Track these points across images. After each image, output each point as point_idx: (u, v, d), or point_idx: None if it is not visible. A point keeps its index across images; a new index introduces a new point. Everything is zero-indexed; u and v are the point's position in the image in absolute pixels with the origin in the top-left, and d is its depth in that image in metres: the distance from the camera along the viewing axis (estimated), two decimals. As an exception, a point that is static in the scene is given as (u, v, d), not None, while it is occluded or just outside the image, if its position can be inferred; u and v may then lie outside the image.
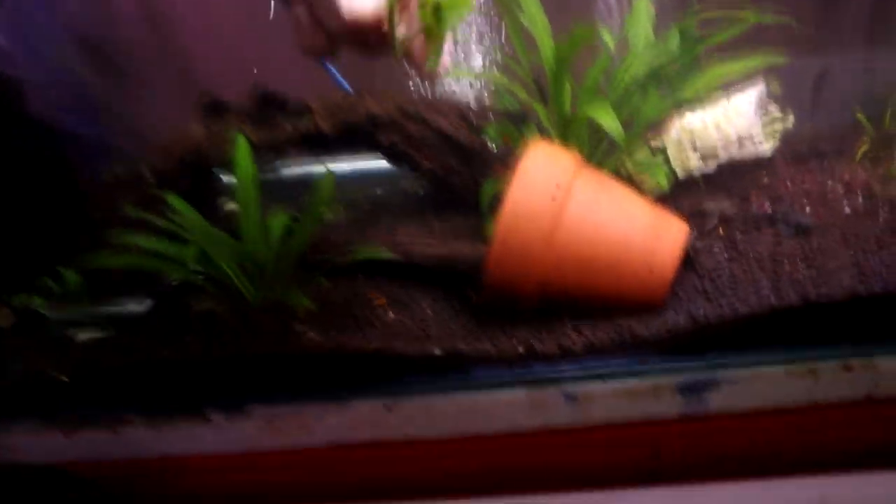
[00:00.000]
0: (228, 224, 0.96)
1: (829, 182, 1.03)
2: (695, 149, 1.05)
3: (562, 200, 0.86)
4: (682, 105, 1.07)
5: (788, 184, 1.04)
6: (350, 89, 1.13)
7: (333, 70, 1.12)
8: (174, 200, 0.90)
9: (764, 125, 1.09)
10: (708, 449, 0.91)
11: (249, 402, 0.92)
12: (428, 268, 0.97)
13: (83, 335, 0.97)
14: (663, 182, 1.03)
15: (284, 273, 0.94)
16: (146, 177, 1.07)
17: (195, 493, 0.93)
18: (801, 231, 0.94)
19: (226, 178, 1.13)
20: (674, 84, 1.07)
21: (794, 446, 0.90)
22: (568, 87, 1.01)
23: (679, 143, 1.05)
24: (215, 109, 1.10)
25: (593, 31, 0.88)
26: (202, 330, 0.94)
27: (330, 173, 0.96)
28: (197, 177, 1.09)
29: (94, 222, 1.03)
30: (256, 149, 1.01)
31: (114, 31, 1.41)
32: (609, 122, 0.91)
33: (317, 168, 1.24)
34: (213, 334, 0.92)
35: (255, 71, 1.23)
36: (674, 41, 1.08)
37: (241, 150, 0.94)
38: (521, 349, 0.88)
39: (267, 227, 0.95)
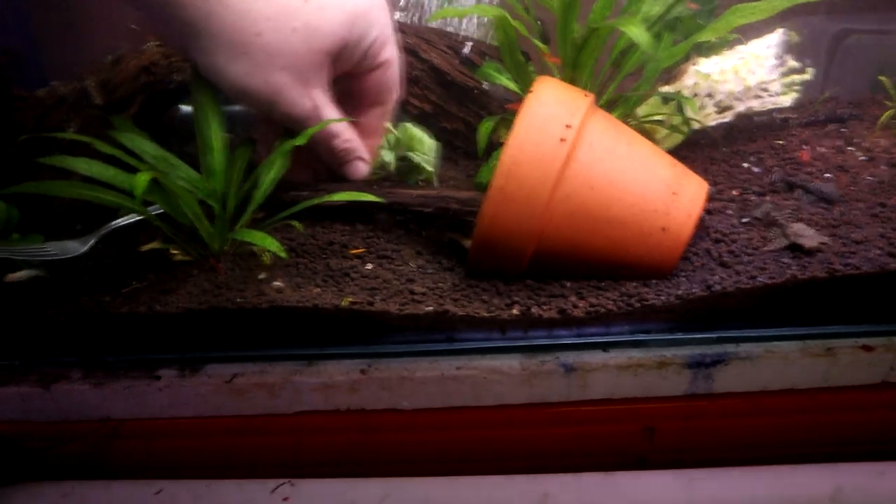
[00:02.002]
0: (188, 160, 0.84)
1: (851, 148, 0.95)
2: (710, 97, 0.96)
3: (571, 143, 0.75)
4: (697, 48, 0.97)
5: (807, 148, 0.96)
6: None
7: None
8: (123, 124, 0.77)
9: (782, 76, 1.00)
10: (714, 430, 0.83)
11: (206, 360, 0.81)
12: (413, 212, 0.86)
13: (13, 275, 0.84)
14: (677, 134, 0.93)
15: (251, 213, 0.82)
16: (92, 96, 0.94)
17: (139, 461, 0.82)
18: (824, 199, 0.86)
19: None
20: (688, 30, 0.97)
21: (807, 431, 0.84)
22: (577, 21, 0.90)
23: (694, 89, 0.95)
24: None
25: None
26: (153, 274, 0.82)
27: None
28: (152, 100, 0.96)
29: (28, 146, 0.89)
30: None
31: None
32: (636, 31, 0.79)
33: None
34: (165, 280, 0.80)
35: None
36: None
37: (197, 77, 0.81)
38: (516, 312, 0.78)
39: (231, 160, 0.82)
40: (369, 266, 0.83)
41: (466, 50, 0.96)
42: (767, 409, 0.83)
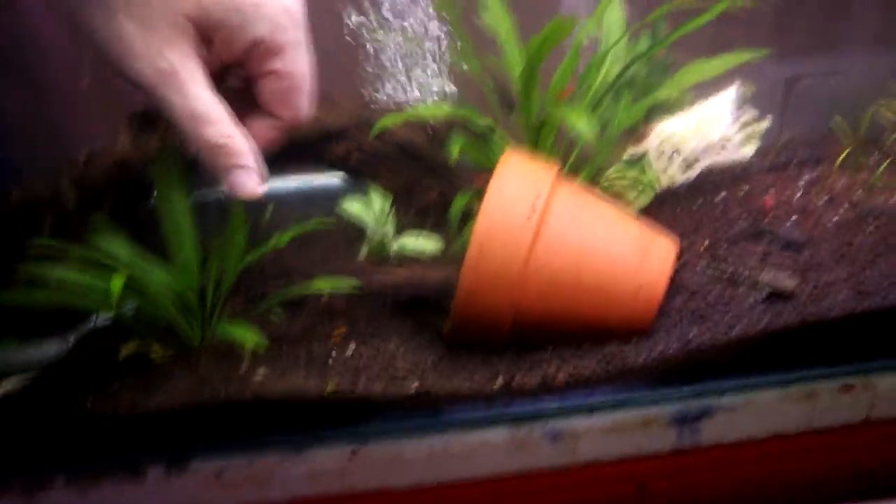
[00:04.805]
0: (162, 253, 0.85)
1: (813, 191, 0.98)
2: (676, 154, 0.99)
3: (539, 218, 0.77)
4: (657, 110, 1.00)
5: (771, 193, 0.99)
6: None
7: None
8: (100, 223, 0.78)
9: (741, 128, 1.03)
10: (704, 483, 0.84)
11: (193, 455, 0.80)
12: (392, 295, 0.87)
13: (4, 387, 0.84)
14: (645, 194, 0.96)
15: (227, 308, 0.83)
16: (66, 195, 0.94)
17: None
18: (791, 245, 0.88)
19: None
20: (647, 88, 1.01)
21: (796, 474, 0.84)
22: (538, 90, 0.92)
23: (660, 150, 0.98)
24: (146, 121, 0.98)
25: (572, 25, 0.80)
26: (134, 373, 0.82)
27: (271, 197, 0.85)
28: (126, 195, 0.97)
29: (4, 249, 0.89)
30: (191, 165, 0.90)
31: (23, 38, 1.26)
32: (582, 123, 0.83)
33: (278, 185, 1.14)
34: (146, 378, 0.80)
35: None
36: (644, 43, 1.02)
37: (172, 167, 0.82)
38: (499, 383, 0.79)
39: (206, 254, 0.83)
40: (352, 347, 0.84)
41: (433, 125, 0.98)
42: (755, 456, 0.83)
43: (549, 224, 0.78)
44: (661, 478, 0.83)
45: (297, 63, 0.79)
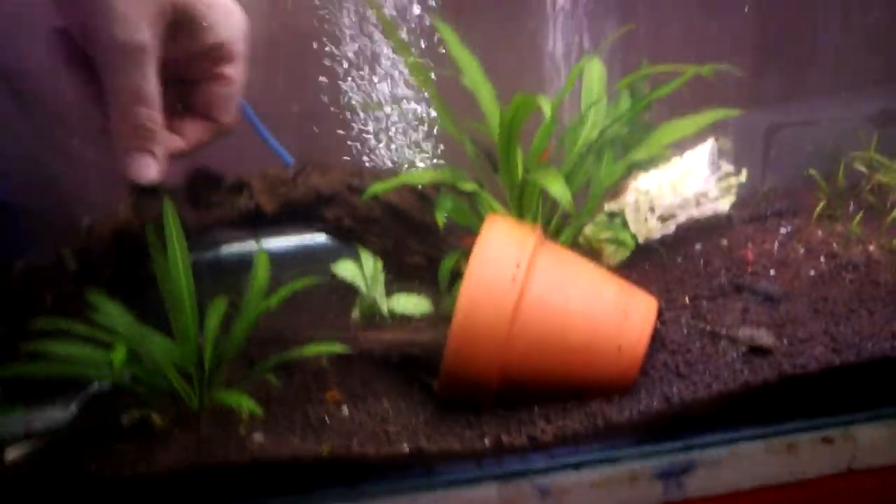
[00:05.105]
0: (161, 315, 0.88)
1: (791, 243, 1.01)
2: (652, 211, 1.02)
3: (522, 281, 0.80)
4: (636, 167, 1.04)
5: (750, 246, 1.02)
6: (290, 159, 1.06)
7: (272, 139, 1.06)
8: (98, 299, 0.81)
9: (718, 181, 1.07)
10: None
11: (192, 518, 0.83)
12: (383, 355, 0.90)
13: (12, 453, 0.86)
14: (624, 249, 0.99)
15: (224, 372, 0.86)
16: (68, 264, 0.98)
17: None
18: (769, 299, 0.91)
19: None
20: (627, 145, 1.04)
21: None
22: (519, 154, 0.96)
23: (636, 206, 1.01)
24: (147, 189, 1.02)
25: (536, 100, 0.84)
26: (135, 438, 0.84)
27: (264, 257, 0.89)
28: (125, 262, 1.00)
29: (7, 321, 0.93)
30: (190, 230, 0.94)
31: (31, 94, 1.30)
32: (558, 189, 0.86)
33: (255, 245, 1.17)
34: (147, 443, 0.83)
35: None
36: (625, 103, 1.06)
37: (172, 235, 0.86)
38: (487, 442, 0.81)
39: (202, 321, 0.86)
40: (345, 408, 0.87)
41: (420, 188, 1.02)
42: (742, 508, 0.86)
43: (533, 286, 0.81)
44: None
45: (242, 74, 0.87)
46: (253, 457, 0.80)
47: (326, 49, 1.08)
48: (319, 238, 1.14)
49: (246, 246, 1.17)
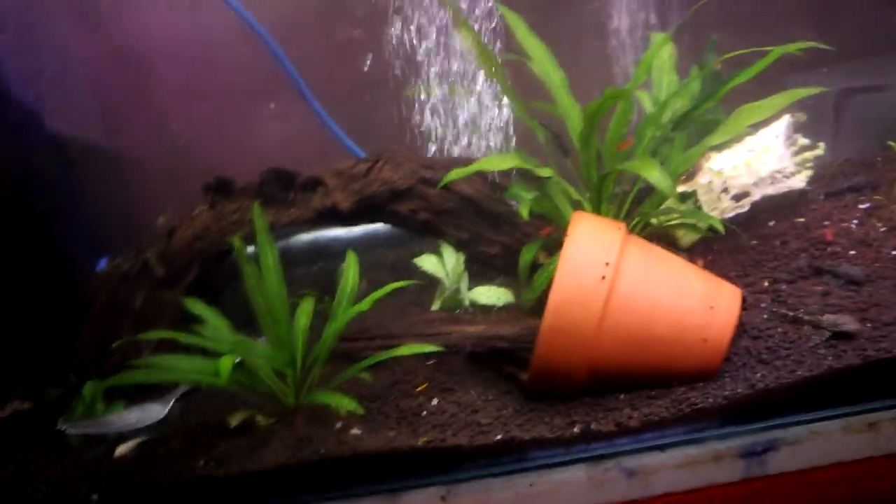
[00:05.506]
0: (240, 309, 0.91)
1: (870, 220, 0.99)
2: (726, 191, 1.02)
3: (611, 279, 0.82)
4: (710, 149, 1.03)
5: (828, 224, 1.00)
6: (361, 152, 1.07)
7: (343, 133, 1.07)
8: (202, 310, 0.85)
9: (794, 156, 1.05)
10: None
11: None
12: (470, 348, 0.93)
13: (121, 448, 0.92)
14: (696, 231, 0.99)
15: (318, 371, 0.89)
16: (154, 269, 1.01)
17: None
18: (851, 282, 0.91)
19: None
20: (702, 129, 1.03)
21: (857, 499, 0.89)
22: (596, 144, 0.96)
23: (709, 187, 1.01)
24: (221, 189, 1.04)
25: (621, 94, 0.84)
26: (238, 436, 0.89)
27: (354, 261, 0.91)
28: (205, 266, 1.03)
29: (101, 322, 0.97)
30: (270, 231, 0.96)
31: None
32: (656, 175, 0.86)
33: (326, 233, 1.20)
34: (250, 440, 0.88)
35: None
36: (695, 83, 1.04)
37: (264, 246, 0.89)
38: (577, 430, 0.85)
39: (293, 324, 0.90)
40: (435, 401, 0.90)
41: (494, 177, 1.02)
42: (818, 482, 0.88)
43: (621, 284, 0.83)
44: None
45: None
46: (352, 450, 0.84)
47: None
48: (381, 225, 1.15)
49: (314, 234, 1.20)
